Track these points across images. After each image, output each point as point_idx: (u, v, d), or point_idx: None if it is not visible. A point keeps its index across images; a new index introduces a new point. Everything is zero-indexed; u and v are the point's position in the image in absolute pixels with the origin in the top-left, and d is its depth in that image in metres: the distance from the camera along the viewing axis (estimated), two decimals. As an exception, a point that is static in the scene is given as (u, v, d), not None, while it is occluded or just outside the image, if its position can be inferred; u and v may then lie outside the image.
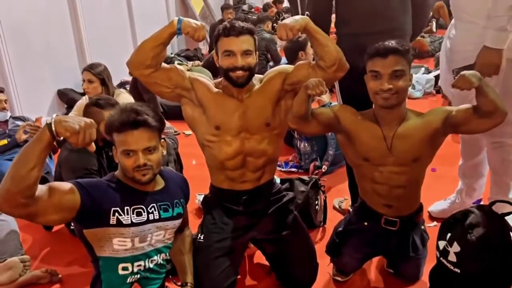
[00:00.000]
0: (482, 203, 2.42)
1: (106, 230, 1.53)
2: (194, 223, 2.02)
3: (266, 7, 7.68)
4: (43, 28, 4.55)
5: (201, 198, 2.65)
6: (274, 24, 7.01)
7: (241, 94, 1.89)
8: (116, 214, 1.53)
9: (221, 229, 1.95)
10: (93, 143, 1.64)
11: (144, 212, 1.59)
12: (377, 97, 1.74)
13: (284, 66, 2.03)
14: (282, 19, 7.76)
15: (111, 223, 1.52)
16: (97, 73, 3.00)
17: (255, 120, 1.88)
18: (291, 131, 3.48)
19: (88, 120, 1.34)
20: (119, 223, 1.53)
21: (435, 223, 2.46)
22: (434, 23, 6.90)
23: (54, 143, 1.35)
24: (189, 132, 3.96)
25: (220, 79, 1.95)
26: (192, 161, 3.36)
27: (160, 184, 1.69)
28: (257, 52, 1.86)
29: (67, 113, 4.73)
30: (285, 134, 3.59)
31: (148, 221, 1.60)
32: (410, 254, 1.93)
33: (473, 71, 1.67)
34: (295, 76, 1.90)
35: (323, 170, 3.12)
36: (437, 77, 4.62)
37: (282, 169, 3.29)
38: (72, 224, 2.56)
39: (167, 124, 3.87)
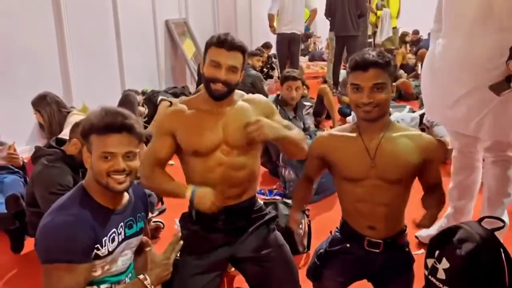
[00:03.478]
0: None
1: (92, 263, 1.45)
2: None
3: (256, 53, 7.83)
4: (28, 55, 4.53)
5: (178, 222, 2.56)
6: (264, 69, 7.14)
7: (221, 107, 1.84)
8: (95, 250, 1.44)
9: (199, 246, 1.86)
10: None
11: (116, 235, 1.50)
12: (359, 110, 1.71)
13: (268, 107, 1.95)
14: (271, 63, 7.97)
15: (92, 257, 1.44)
16: (34, 107, 3.25)
17: (234, 136, 1.83)
18: (276, 161, 3.46)
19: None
20: (96, 257, 1.45)
21: (422, 250, 2.38)
22: (419, 66, 7.12)
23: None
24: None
25: (198, 93, 1.92)
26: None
27: (125, 197, 1.59)
28: (243, 71, 1.83)
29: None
30: (269, 165, 3.57)
31: (118, 244, 1.52)
32: (395, 276, 1.84)
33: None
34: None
35: (309, 198, 3.04)
36: (421, 116, 4.66)
37: (266, 197, 3.21)
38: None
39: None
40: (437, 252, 1.67)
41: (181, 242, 1.66)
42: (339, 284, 1.93)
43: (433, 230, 2.44)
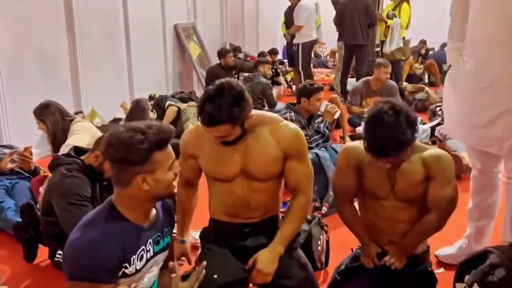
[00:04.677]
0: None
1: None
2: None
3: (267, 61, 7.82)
4: (40, 59, 4.52)
5: (195, 235, 2.52)
6: (272, 71, 7.13)
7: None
8: (123, 269, 1.42)
9: (221, 263, 1.83)
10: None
11: (145, 253, 1.48)
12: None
13: (293, 147, 1.84)
14: (275, 69, 7.96)
15: (117, 278, 1.42)
16: (37, 116, 3.21)
17: (253, 169, 1.79)
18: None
19: None
20: (124, 275, 1.43)
21: (442, 269, 2.36)
22: (426, 76, 7.11)
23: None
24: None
25: None
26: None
27: (153, 212, 1.56)
28: (238, 125, 1.69)
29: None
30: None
31: (147, 261, 1.50)
32: None
33: None
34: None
35: (323, 212, 3.02)
36: (432, 128, 4.64)
37: (280, 210, 3.16)
38: (57, 256, 2.40)
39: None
40: (466, 277, 1.65)
41: (204, 271, 1.64)
42: (360, 300, 1.92)
43: (452, 250, 2.44)
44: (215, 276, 1.77)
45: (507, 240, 2.18)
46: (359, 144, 1.81)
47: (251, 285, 2.09)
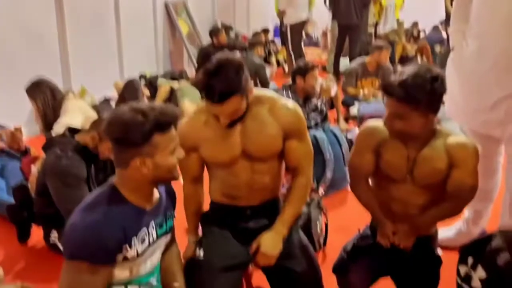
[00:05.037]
0: (486, 233, 2.35)
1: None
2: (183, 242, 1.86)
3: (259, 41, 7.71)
4: (27, 37, 4.38)
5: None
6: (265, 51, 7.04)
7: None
8: (124, 251, 1.39)
9: (224, 245, 1.81)
10: None
11: (146, 236, 1.45)
12: None
13: (291, 124, 1.79)
14: (268, 50, 7.86)
15: (116, 260, 1.39)
16: (28, 95, 3.09)
17: (254, 150, 1.75)
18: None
19: None
20: (124, 259, 1.40)
21: (440, 251, 2.36)
22: (419, 58, 7.11)
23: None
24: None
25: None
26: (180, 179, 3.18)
27: (156, 195, 1.53)
28: (245, 97, 1.66)
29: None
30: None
31: (149, 245, 1.47)
32: (421, 277, 1.82)
33: None
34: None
35: (320, 194, 3.00)
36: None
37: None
38: (51, 239, 2.36)
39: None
40: (470, 259, 1.64)
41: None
42: (365, 279, 1.92)
43: (450, 232, 2.45)
44: (217, 259, 1.76)
45: (506, 223, 2.20)
46: (380, 123, 1.74)
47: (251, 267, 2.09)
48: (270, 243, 1.74)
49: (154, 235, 1.49)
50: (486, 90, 2.04)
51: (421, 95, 1.53)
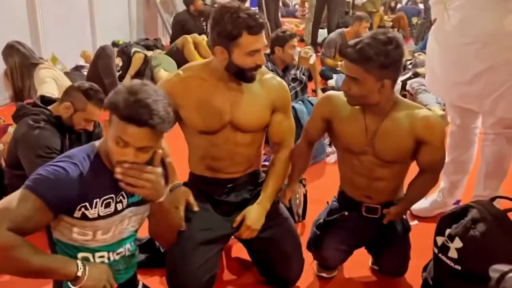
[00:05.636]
0: (461, 203, 2.40)
1: (67, 219, 1.34)
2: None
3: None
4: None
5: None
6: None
7: (230, 81, 1.72)
8: (83, 209, 1.33)
9: (205, 218, 1.79)
10: None
11: (112, 202, 1.39)
12: None
13: (282, 98, 1.81)
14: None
15: (74, 216, 1.33)
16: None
17: (242, 120, 1.74)
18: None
19: (111, 281, 1.38)
20: (84, 217, 1.34)
21: (416, 221, 2.42)
22: (395, 30, 7.09)
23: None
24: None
25: (204, 62, 1.80)
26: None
27: None
28: None
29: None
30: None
31: (115, 212, 1.41)
32: (391, 241, 1.87)
33: None
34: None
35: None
36: (403, 82, 4.66)
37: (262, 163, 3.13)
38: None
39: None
40: (447, 230, 1.67)
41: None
42: (339, 253, 1.95)
43: (426, 203, 2.49)
44: (198, 232, 1.74)
45: (479, 194, 2.25)
46: (340, 93, 1.73)
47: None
48: (255, 216, 1.75)
49: (124, 203, 1.42)
50: (466, 63, 2.04)
51: (372, 55, 1.54)
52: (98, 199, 1.36)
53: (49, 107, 2.16)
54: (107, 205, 1.38)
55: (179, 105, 1.70)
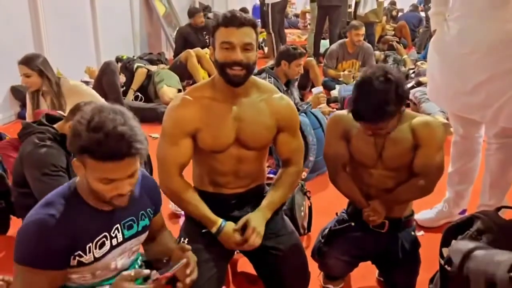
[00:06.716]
0: (467, 213, 2.39)
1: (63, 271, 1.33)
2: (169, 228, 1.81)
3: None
4: (-1, 18, 4.21)
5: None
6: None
7: (235, 97, 1.71)
8: (77, 257, 1.31)
9: (209, 234, 1.78)
10: None
11: (107, 240, 1.36)
12: None
13: (287, 118, 1.80)
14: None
15: (71, 265, 1.31)
16: (32, 65, 2.92)
17: (247, 139, 1.74)
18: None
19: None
20: (80, 264, 1.32)
21: (422, 232, 2.41)
22: (395, 43, 7.11)
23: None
24: (156, 135, 3.77)
25: (205, 82, 1.81)
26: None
27: None
28: (257, 50, 1.71)
29: (20, 112, 4.41)
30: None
31: (111, 248, 1.38)
32: (399, 258, 1.85)
33: None
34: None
35: (303, 177, 3.01)
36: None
37: (268, 176, 3.14)
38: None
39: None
40: (453, 242, 1.66)
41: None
42: (343, 263, 1.95)
43: (431, 213, 2.48)
44: (202, 249, 1.74)
45: (485, 203, 2.25)
46: (345, 112, 1.79)
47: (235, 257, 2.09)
48: (258, 219, 1.73)
49: (120, 238, 1.39)
50: (467, 73, 2.05)
51: (392, 108, 1.58)
52: (90, 244, 1.32)
53: (54, 125, 2.18)
54: (102, 245, 1.35)
55: (198, 128, 1.69)
